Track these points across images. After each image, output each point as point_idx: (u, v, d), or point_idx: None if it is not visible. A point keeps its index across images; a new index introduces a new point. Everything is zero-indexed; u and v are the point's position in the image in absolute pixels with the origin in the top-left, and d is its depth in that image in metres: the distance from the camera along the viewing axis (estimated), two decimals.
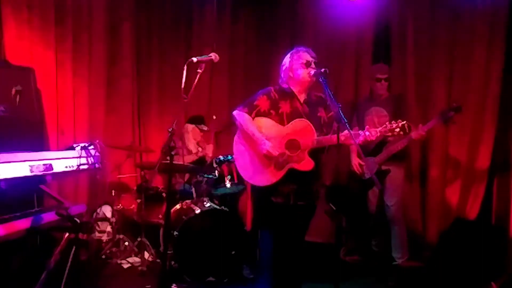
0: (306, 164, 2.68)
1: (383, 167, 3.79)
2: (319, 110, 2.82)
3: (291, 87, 2.82)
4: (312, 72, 2.69)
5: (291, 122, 2.73)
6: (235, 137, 2.86)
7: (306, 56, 2.77)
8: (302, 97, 2.82)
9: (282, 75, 2.87)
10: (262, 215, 2.88)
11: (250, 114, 2.77)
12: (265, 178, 2.72)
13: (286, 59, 2.86)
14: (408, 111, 4.00)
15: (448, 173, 4.38)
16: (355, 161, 3.95)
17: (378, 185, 3.61)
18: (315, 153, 2.71)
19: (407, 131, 2.57)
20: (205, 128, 4.50)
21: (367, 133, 2.57)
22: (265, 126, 2.75)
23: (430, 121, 3.71)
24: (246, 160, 2.80)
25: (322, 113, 2.83)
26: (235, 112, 2.81)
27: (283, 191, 2.72)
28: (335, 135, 2.53)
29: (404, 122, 2.56)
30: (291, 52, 2.87)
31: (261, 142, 2.69)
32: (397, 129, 2.56)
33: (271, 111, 2.77)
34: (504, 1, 4.08)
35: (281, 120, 2.75)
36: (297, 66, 2.78)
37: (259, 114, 2.77)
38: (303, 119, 2.72)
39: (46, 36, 4.18)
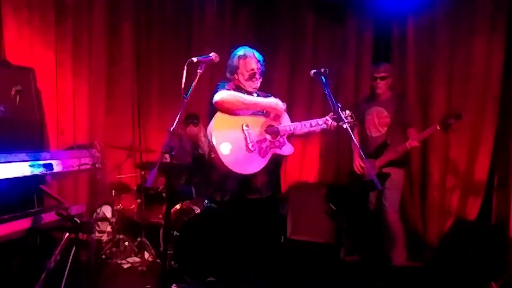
0: (288, 149, 2.79)
1: (384, 170, 3.78)
2: None
3: (241, 86, 2.85)
4: (312, 72, 2.73)
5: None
6: (214, 127, 2.68)
7: (252, 64, 2.81)
8: (254, 95, 2.89)
9: (228, 74, 2.88)
10: (235, 213, 2.81)
11: None
12: (251, 165, 2.67)
13: (233, 59, 2.85)
14: (409, 111, 3.94)
15: (448, 173, 4.37)
16: (357, 162, 3.94)
17: (378, 186, 3.62)
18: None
19: (355, 119, 2.87)
20: (192, 125, 4.42)
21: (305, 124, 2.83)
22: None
23: (426, 130, 3.71)
24: (230, 148, 2.65)
25: None
26: (221, 93, 2.67)
27: (256, 185, 2.73)
28: (308, 122, 2.80)
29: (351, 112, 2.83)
30: (238, 53, 2.85)
31: (269, 100, 2.75)
32: (349, 117, 2.80)
33: None
34: (504, 1, 4.08)
35: None
36: (242, 74, 2.82)
37: None
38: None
39: (46, 36, 4.18)
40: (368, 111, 3.98)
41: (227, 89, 2.73)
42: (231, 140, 2.67)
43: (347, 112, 2.84)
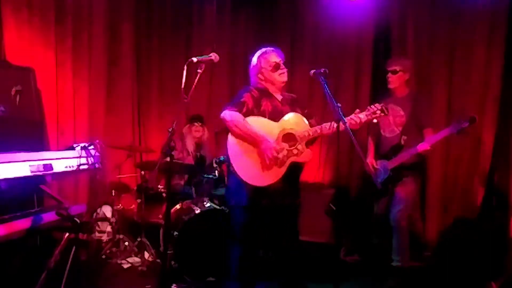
0: (306, 155, 2.71)
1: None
2: (296, 109, 2.83)
3: (266, 88, 2.82)
4: (312, 72, 2.71)
5: (283, 117, 2.75)
6: (229, 139, 2.72)
7: (273, 57, 2.79)
8: (278, 97, 2.85)
9: (252, 77, 2.86)
10: (248, 218, 2.76)
11: (240, 112, 2.70)
12: (268, 177, 2.67)
13: (254, 61, 2.85)
14: (425, 111, 3.67)
15: (448, 173, 4.38)
16: (370, 162, 3.77)
17: (378, 185, 3.59)
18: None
19: (386, 112, 2.73)
20: (197, 124, 4.41)
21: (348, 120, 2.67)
22: (258, 123, 2.71)
23: (438, 133, 3.48)
24: (245, 161, 2.69)
25: (299, 112, 2.83)
26: (225, 113, 2.70)
27: (270, 192, 2.69)
28: (328, 124, 2.65)
29: (382, 104, 2.72)
30: (258, 53, 2.85)
31: (262, 141, 2.63)
32: (378, 111, 2.69)
33: (254, 109, 2.74)
34: (504, 1, 4.08)
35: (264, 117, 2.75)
36: (266, 69, 2.80)
37: (248, 112, 2.72)
38: (294, 113, 2.77)
39: (46, 36, 4.18)
40: None
41: (235, 110, 2.68)
42: (247, 154, 2.68)
43: (377, 105, 2.70)
